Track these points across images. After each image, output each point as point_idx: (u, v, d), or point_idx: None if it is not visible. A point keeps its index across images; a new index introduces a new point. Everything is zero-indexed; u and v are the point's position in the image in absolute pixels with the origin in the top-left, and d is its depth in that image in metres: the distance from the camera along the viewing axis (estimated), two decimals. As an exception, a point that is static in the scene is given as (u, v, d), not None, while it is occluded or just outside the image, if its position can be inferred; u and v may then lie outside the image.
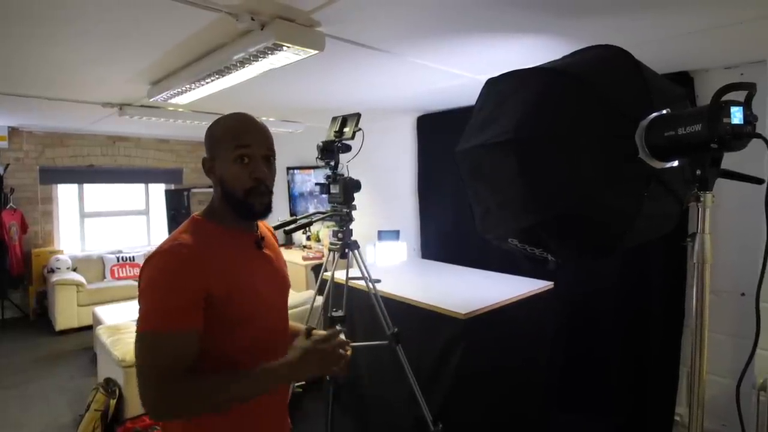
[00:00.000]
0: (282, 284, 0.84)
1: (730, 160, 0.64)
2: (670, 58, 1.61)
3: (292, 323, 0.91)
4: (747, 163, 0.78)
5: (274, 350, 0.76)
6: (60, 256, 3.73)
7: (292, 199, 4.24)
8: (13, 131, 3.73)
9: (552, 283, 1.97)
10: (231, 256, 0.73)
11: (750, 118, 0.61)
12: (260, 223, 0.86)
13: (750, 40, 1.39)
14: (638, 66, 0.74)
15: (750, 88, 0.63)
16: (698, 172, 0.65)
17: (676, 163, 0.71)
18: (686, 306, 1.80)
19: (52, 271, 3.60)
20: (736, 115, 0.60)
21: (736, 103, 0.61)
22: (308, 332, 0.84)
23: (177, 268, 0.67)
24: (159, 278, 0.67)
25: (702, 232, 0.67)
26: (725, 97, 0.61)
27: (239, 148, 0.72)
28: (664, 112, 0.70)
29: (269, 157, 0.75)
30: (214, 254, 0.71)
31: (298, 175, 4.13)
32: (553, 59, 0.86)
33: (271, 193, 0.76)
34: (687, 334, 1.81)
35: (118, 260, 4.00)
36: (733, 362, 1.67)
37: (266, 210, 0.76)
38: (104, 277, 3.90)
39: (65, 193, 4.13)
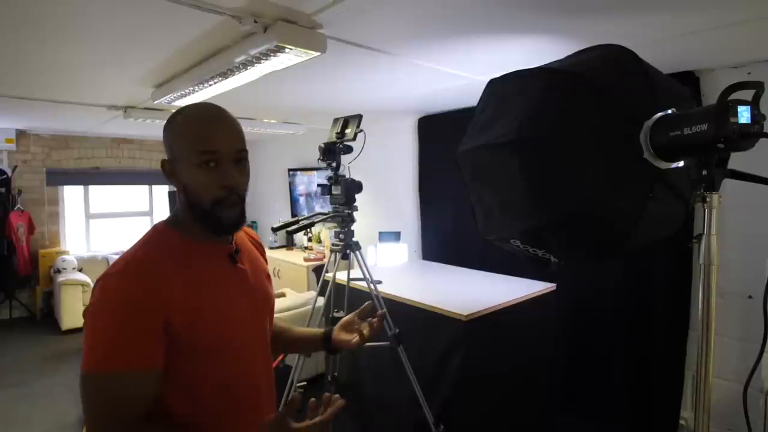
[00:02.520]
0: (261, 303, 0.72)
1: (737, 160, 0.63)
2: (675, 57, 1.59)
3: (279, 323, 0.81)
4: (755, 163, 0.77)
5: (250, 376, 0.67)
6: (66, 257, 3.77)
7: (294, 200, 4.26)
8: (20, 134, 3.78)
9: (554, 284, 1.95)
10: (197, 275, 0.62)
11: (758, 117, 0.60)
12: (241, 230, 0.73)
13: (757, 38, 1.37)
14: (642, 65, 0.73)
15: (758, 87, 0.62)
16: (704, 172, 0.64)
17: (681, 164, 0.70)
18: (692, 308, 1.78)
19: (59, 271, 3.64)
20: (744, 115, 0.59)
21: (744, 102, 0.59)
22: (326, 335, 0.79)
23: (126, 296, 0.56)
24: (107, 307, 0.56)
25: (708, 233, 0.65)
26: (732, 96, 0.60)
27: (204, 153, 0.59)
28: (669, 111, 0.69)
29: (240, 158, 0.62)
30: (175, 274, 0.60)
31: (299, 177, 4.14)
32: (556, 59, 0.85)
33: (243, 201, 0.64)
34: (692, 336, 1.79)
35: (122, 261, 4.04)
36: (740, 365, 1.64)
37: (237, 223, 0.64)
38: (109, 278, 3.93)
39: (71, 194, 4.18)
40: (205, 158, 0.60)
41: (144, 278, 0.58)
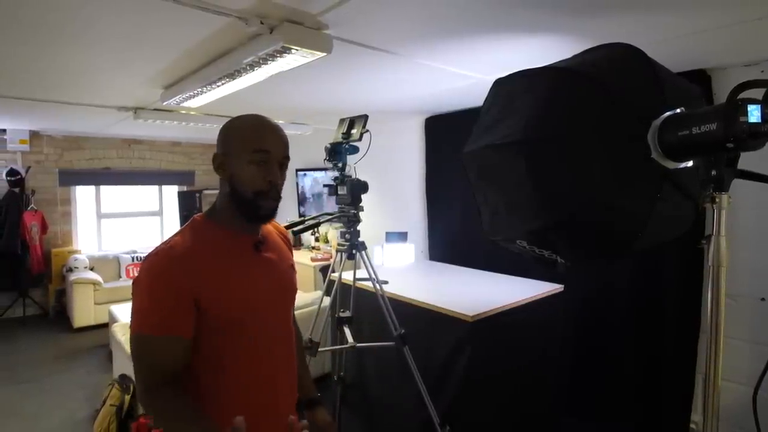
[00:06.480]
0: (283, 289, 0.81)
1: (747, 160, 0.62)
2: (685, 56, 1.56)
3: (307, 382, 0.91)
4: (766, 163, 0.75)
5: (269, 358, 0.76)
6: (78, 256, 3.85)
7: (302, 200, 4.28)
8: (34, 135, 3.87)
9: (561, 285, 1.94)
10: (224, 259, 0.73)
11: (768, 116, 0.59)
12: (270, 225, 0.85)
13: (770, 35, 1.34)
14: (651, 64, 0.72)
15: (769, 85, 0.61)
16: (714, 172, 0.63)
17: (690, 164, 0.69)
18: (702, 310, 1.75)
19: (71, 270, 3.72)
20: (754, 114, 0.58)
21: (754, 101, 0.59)
22: (308, 404, 0.87)
23: (162, 272, 0.68)
24: (145, 281, 0.69)
25: (717, 234, 0.65)
26: (742, 95, 0.59)
27: (258, 151, 0.72)
28: (678, 110, 0.68)
29: (284, 162, 0.75)
30: (205, 257, 0.71)
31: (306, 177, 4.17)
32: (561, 59, 0.85)
33: (279, 198, 0.75)
34: (703, 339, 1.76)
35: (132, 260, 4.11)
36: (751, 368, 1.60)
37: (271, 214, 0.76)
38: (120, 277, 4.00)
39: (83, 194, 4.26)
40: (259, 156, 0.72)
41: (176, 260, 0.69)
